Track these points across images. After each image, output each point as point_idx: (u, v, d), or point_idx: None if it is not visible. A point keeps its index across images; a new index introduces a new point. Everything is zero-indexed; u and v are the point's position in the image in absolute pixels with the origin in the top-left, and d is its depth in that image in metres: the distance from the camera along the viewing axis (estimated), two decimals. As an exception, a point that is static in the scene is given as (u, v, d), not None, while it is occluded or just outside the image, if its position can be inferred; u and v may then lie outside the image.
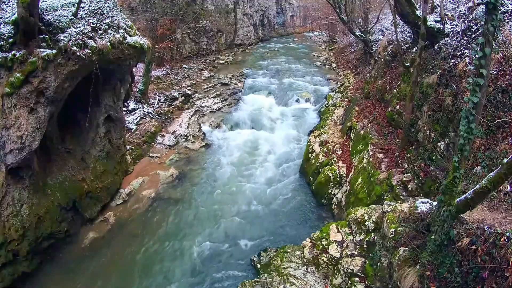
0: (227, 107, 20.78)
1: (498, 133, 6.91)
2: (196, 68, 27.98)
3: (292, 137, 17.53)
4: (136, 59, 11.78)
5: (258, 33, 46.39)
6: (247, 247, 10.51)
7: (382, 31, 22.05)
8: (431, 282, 5.20)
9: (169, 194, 12.94)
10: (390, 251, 6.41)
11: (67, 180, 10.61)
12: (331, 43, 38.09)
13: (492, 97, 7.13)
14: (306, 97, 21.69)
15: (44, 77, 8.56)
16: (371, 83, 15.47)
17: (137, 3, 25.98)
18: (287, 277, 7.94)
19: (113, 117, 12.14)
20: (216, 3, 35.93)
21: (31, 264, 9.38)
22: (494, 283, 4.42)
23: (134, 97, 18.42)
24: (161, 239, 10.78)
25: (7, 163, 8.64)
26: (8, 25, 8.56)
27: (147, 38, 13.84)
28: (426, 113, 9.54)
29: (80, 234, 10.82)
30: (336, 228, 8.72)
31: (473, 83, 4.72)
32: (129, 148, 14.54)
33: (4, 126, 8.50)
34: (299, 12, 57.60)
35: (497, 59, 7.47)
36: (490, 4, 4.46)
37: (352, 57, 26.94)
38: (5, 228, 8.82)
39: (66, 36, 8.90)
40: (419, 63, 9.74)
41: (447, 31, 10.20)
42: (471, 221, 5.09)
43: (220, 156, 15.75)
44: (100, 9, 10.01)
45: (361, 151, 12.10)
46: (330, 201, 12.14)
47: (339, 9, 20.92)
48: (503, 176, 4.16)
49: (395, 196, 9.08)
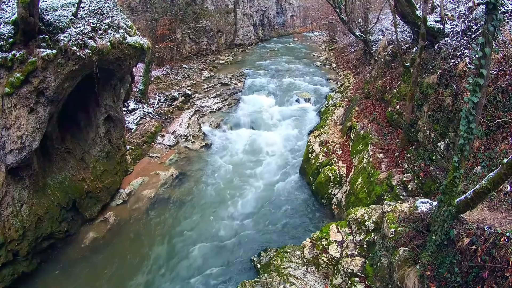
0: (227, 107, 20.79)
1: (498, 133, 6.91)
2: (196, 68, 27.98)
3: (292, 137, 17.53)
4: (136, 59, 11.78)
5: (258, 33, 46.39)
6: (247, 247, 10.49)
7: (382, 31, 22.05)
8: (431, 282, 5.20)
9: (169, 194, 12.94)
10: (390, 251, 6.41)
11: (67, 180, 10.61)
12: (331, 43, 38.10)
13: (492, 97, 7.13)
14: (306, 97, 21.71)
15: (44, 77, 8.56)
16: (371, 83, 15.47)
17: (137, 3, 25.99)
18: (287, 277, 7.94)
19: (113, 117, 12.14)
20: (216, 3, 35.92)
21: (31, 264, 9.39)
22: (494, 283, 4.42)
23: (134, 97, 18.43)
24: (161, 239, 10.78)
25: (7, 163, 8.64)
26: (8, 25, 8.56)
27: (147, 38, 13.85)
28: (426, 113, 9.53)
29: (80, 234, 10.82)
30: (336, 228, 8.71)
31: (473, 83, 4.72)
32: (129, 148, 14.54)
33: (4, 126, 8.50)
34: (299, 12, 57.60)
35: (497, 59, 7.48)
36: (490, 4, 4.46)
37: (352, 57, 26.94)
38: (5, 228, 8.81)
39: (66, 36, 8.90)
40: (419, 63, 9.74)
41: (447, 31, 10.20)
42: (471, 221, 5.09)
43: (220, 156, 15.75)
44: (100, 9, 10.00)
45: (361, 151, 12.10)
46: (330, 201, 12.14)
47: (339, 9, 20.92)
48: (503, 176, 4.16)
49: (395, 196, 9.08)
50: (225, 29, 36.93)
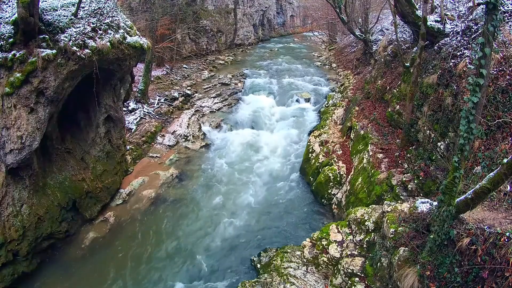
0: (227, 107, 20.78)
1: (498, 133, 6.91)
2: (196, 68, 27.98)
3: (292, 137, 17.53)
4: (136, 59, 11.78)
5: (258, 33, 46.40)
6: (247, 247, 10.50)
7: (382, 31, 22.06)
8: (431, 282, 5.20)
9: (169, 194, 12.94)
10: (390, 251, 6.41)
11: (67, 180, 10.61)
12: (331, 43, 38.10)
13: (492, 97, 7.13)
14: (306, 97, 21.70)
15: (44, 77, 8.56)
16: (371, 83, 15.47)
17: (137, 3, 25.99)
18: (287, 277, 7.94)
19: (113, 117, 12.14)
20: (216, 3, 35.92)
21: (31, 264, 9.39)
22: (494, 283, 4.41)
23: (134, 97, 18.43)
24: (161, 239, 10.78)
25: (7, 163, 8.65)
26: (8, 25, 8.56)
27: (147, 38, 13.84)
28: (426, 113, 9.53)
29: (80, 234, 10.82)
30: (336, 228, 8.71)
31: (473, 83, 4.71)
32: (129, 148, 14.54)
33: (4, 126, 8.50)
34: (299, 12, 57.62)
35: (497, 59, 7.47)
36: (490, 4, 4.46)
37: (352, 57, 26.95)
38: (5, 228, 8.82)
39: (66, 36, 8.90)
40: (419, 63, 9.74)
41: (447, 31, 10.20)
42: (471, 221, 5.09)
43: (220, 156, 15.75)
44: (100, 9, 10.00)
45: (361, 151, 12.10)
46: (330, 201, 12.14)
47: (339, 9, 20.92)
48: (503, 176, 4.16)
49: (395, 196, 9.08)
50: (225, 29, 36.93)
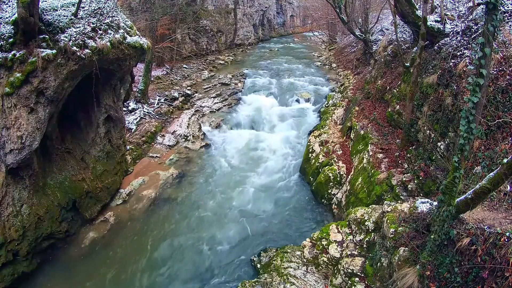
0: (227, 107, 20.79)
1: (498, 133, 6.90)
2: (196, 68, 27.98)
3: (292, 137, 17.52)
4: (136, 59, 11.78)
5: (258, 33, 46.41)
6: (247, 247, 10.50)
7: (382, 31, 22.06)
8: (431, 282, 5.20)
9: (169, 194, 12.94)
10: (390, 251, 6.41)
11: (67, 180, 10.61)
12: (331, 43, 38.11)
13: (492, 97, 7.12)
14: (306, 97, 21.70)
15: (44, 77, 8.56)
16: (371, 83, 15.47)
17: (137, 3, 26.00)
18: (287, 277, 7.94)
19: (113, 117, 12.14)
20: (216, 3, 35.93)
21: (31, 264, 9.39)
22: (494, 283, 4.41)
23: (134, 97, 18.43)
24: (161, 239, 10.78)
25: (7, 163, 8.64)
26: (8, 25, 8.56)
27: (147, 38, 13.83)
28: (426, 113, 9.53)
29: (80, 234, 10.82)
30: (336, 228, 8.71)
31: (473, 83, 4.71)
32: (129, 148, 14.54)
33: (4, 126, 8.50)
34: (299, 12, 57.64)
35: (497, 59, 7.47)
36: (490, 4, 4.46)
37: (352, 57, 26.95)
38: (5, 228, 8.81)
39: (66, 36, 8.90)
40: (419, 63, 9.74)
41: (447, 31, 10.20)
42: (471, 221, 5.09)
43: (220, 156, 15.75)
44: (100, 9, 10.00)
45: (361, 151, 12.10)
46: (330, 201, 12.14)
47: (339, 9, 20.92)
48: (503, 176, 4.16)
49: (395, 196, 9.07)
50: (225, 29, 36.93)
